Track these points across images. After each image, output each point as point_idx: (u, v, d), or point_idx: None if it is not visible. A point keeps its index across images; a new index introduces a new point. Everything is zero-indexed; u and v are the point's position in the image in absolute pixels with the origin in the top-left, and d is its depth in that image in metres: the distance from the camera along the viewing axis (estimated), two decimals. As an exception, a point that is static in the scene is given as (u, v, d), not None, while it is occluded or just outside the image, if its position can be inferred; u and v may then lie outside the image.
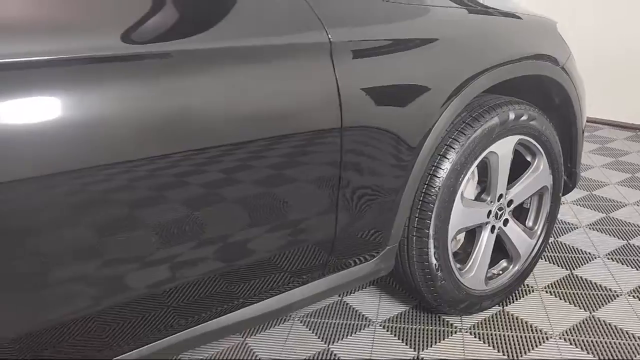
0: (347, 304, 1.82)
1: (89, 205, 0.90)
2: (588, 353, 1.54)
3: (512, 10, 1.70)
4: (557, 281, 1.91)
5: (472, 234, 1.70)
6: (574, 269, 1.99)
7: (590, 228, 2.31)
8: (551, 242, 2.18)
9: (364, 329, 1.68)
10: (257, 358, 1.55)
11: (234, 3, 1.09)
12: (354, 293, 1.88)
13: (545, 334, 1.63)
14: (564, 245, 2.17)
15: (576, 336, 1.61)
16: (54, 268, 0.91)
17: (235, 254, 1.14)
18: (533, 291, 1.86)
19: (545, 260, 2.05)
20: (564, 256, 2.08)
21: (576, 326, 1.66)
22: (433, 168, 1.46)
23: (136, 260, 1.00)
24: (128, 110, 0.92)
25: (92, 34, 0.92)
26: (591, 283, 1.89)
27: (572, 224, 2.35)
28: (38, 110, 0.83)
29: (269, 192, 1.12)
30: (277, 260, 1.22)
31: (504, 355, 1.55)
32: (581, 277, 1.93)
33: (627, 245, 2.14)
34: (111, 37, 0.92)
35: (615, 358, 1.51)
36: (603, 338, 1.60)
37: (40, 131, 0.83)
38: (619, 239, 2.20)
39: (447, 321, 1.71)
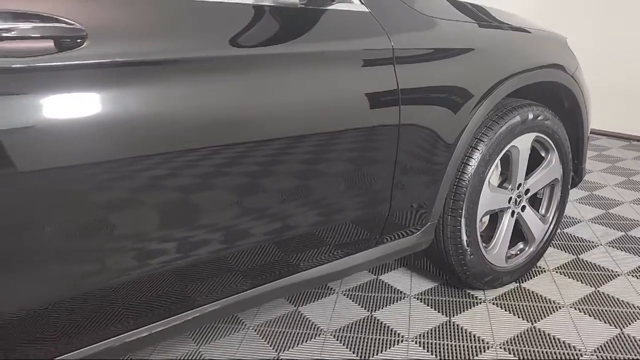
0: (382, 281, 2.07)
1: (199, 181, 1.15)
2: (595, 319, 1.80)
3: (528, 26, 1.98)
4: (565, 263, 2.18)
5: (494, 220, 1.97)
6: (579, 254, 2.25)
7: (592, 222, 2.58)
8: (559, 233, 2.45)
9: (400, 301, 1.94)
10: (313, 323, 1.80)
11: (322, 14, 1.35)
12: (387, 272, 2.14)
13: (558, 304, 1.89)
14: (570, 235, 2.44)
15: (584, 306, 1.88)
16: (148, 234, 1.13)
17: (316, 222, 1.40)
18: (545, 271, 2.12)
19: (554, 248, 2.31)
20: (571, 244, 2.35)
21: (583, 299, 1.92)
22: (466, 158, 1.73)
23: (242, 223, 1.25)
24: (228, 102, 1.16)
25: (190, 39, 1.16)
26: (595, 265, 2.16)
27: (576, 219, 2.62)
28: (149, 100, 1.05)
29: (342, 173, 1.39)
30: (346, 230, 1.49)
31: (524, 320, 1.81)
32: (586, 261, 2.20)
33: (625, 236, 2.42)
34: (209, 41, 1.16)
35: (619, 323, 1.77)
36: (608, 307, 1.86)
37: (146, 117, 1.05)
38: (617, 230, 2.48)
39: (472, 294, 1.97)
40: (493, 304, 1.91)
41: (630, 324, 1.76)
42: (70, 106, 0.97)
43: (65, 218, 1.00)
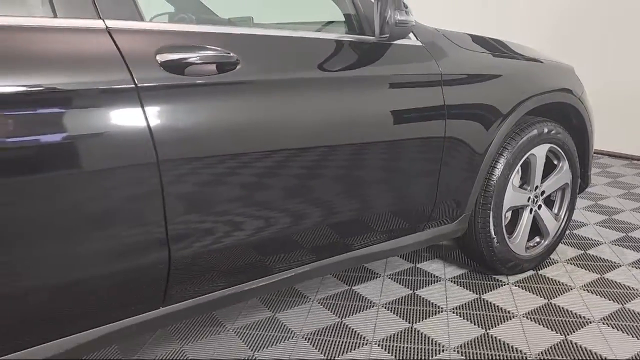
0: (420, 268, 2.46)
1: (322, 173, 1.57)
2: (600, 297, 2.18)
3: (542, 57, 2.41)
4: (574, 256, 2.56)
5: (515, 216, 2.36)
6: (586, 250, 2.64)
7: (597, 225, 2.97)
8: (568, 233, 2.83)
9: (437, 283, 2.32)
10: (362, 294, 2.19)
11: (389, 47, 1.78)
12: (424, 262, 2.53)
13: (570, 286, 2.28)
14: (578, 235, 2.83)
15: (592, 288, 2.25)
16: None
17: (382, 208, 1.81)
18: (557, 262, 2.51)
19: (565, 245, 2.70)
20: (579, 242, 2.74)
21: (591, 282, 2.30)
22: (494, 162, 2.13)
23: (340, 205, 1.66)
24: (326, 112, 1.59)
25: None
26: (600, 258, 2.54)
27: (583, 222, 3.01)
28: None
29: (402, 170, 1.80)
30: (403, 216, 1.89)
31: (541, 298, 2.19)
32: (593, 255, 2.58)
33: (625, 236, 2.80)
34: (317, 67, 1.60)
35: (621, 300, 2.15)
36: (612, 289, 2.24)
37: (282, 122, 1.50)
38: (619, 232, 2.86)
39: (497, 278, 2.35)
40: (515, 285, 2.29)
41: (630, 301, 2.14)
42: (229, 110, 1.39)
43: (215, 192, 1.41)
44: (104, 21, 1.26)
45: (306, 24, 2.04)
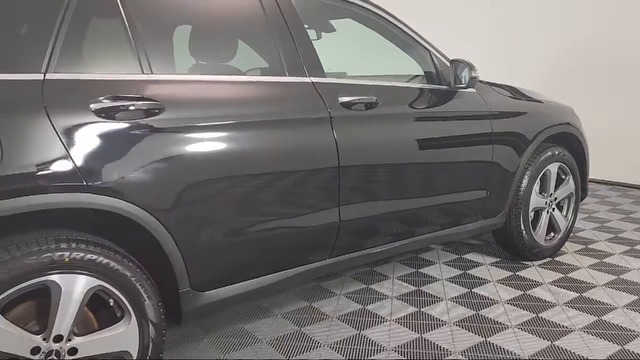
0: (466, 258, 3.27)
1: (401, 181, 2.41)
2: (601, 272, 3.00)
3: (548, 99, 3.30)
4: (579, 249, 3.40)
5: (536, 216, 3.20)
6: (588, 245, 3.48)
7: (596, 230, 3.82)
8: (573, 236, 3.67)
9: (481, 266, 3.13)
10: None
11: (455, 92, 2.65)
12: (469, 254, 3.34)
13: (577, 267, 3.10)
14: (580, 237, 3.67)
15: (595, 267, 3.08)
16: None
17: (453, 204, 2.64)
18: (566, 253, 3.34)
19: (571, 242, 3.54)
20: (582, 240, 3.58)
21: (593, 264, 3.13)
22: (522, 175, 2.98)
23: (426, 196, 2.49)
24: (415, 135, 2.43)
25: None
26: (599, 250, 3.38)
27: (583, 228, 3.87)
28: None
29: (466, 181, 2.64)
30: (466, 209, 2.72)
31: (559, 274, 3.00)
32: (593, 248, 3.42)
33: (615, 237, 3.66)
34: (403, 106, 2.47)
35: (617, 272, 2.98)
36: (610, 268, 3.07)
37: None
38: (610, 234, 3.72)
39: (524, 263, 3.17)
40: (538, 267, 3.11)
41: (623, 273, 2.97)
42: (375, 133, 2.24)
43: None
44: (310, 78, 2.11)
45: (395, 76, 2.90)
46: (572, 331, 2.33)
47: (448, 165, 2.55)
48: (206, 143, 1.80)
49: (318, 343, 2.27)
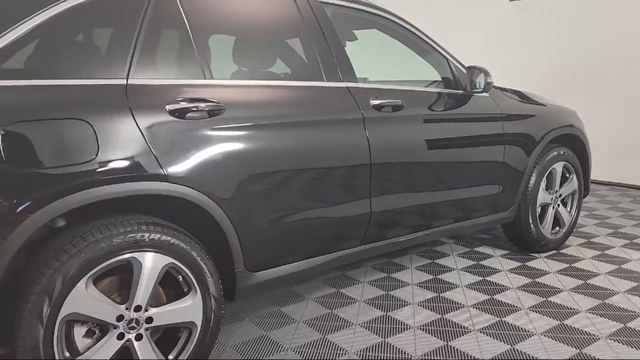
0: (477, 250, 3.52)
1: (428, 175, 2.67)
2: (605, 263, 3.25)
3: (553, 103, 3.56)
4: (581, 243, 3.65)
5: (543, 211, 3.45)
6: (590, 239, 3.73)
7: (597, 226, 4.08)
8: (578, 230, 3.92)
9: (492, 257, 3.38)
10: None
11: (471, 97, 2.90)
12: (480, 246, 3.59)
13: (580, 258, 3.34)
14: (582, 232, 3.92)
15: (598, 258, 3.33)
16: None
17: (470, 199, 2.89)
18: (570, 246, 3.59)
19: (573, 236, 3.79)
20: (585, 234, 3.83)
21: (595, 256, 3.37)
22: (530, 173, 3.23)
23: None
24: (435, 135, 2.69)
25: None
26: (600, 243, 3.63)
27: (585, 224, 4.12)
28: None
29: (480, 178, 2.89)
30: (481, 204, 2.97)
31: (564, 264, 3.25)
32: (594, 241, 3.67)
33: (615, 232, 3.91)
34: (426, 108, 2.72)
35: (617, 262, 3.23)
36: (610, 258, 3.32)
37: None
38: (610, 229, 3.97)
39: (531, 255, 3.42)
40: (545, 258, 3.36)
41: (625, 263, 3.22)
42: (401, 132, 2.49)
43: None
44: (345, 83, 2.36)
45: (414, 82, 3.15)
46: (579, 312, 2.58)
47: (465, 163, 2.80)
48: (259, 140, 2.04)
49: (350, 323, 2.51)
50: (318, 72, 2.33)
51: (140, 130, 1.76)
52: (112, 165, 1.69)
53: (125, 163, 1.72)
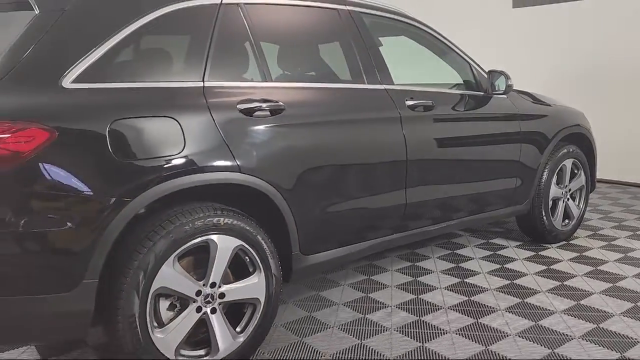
0: (492, 242, 3.77)
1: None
2: (612, 252, 3.51)
3: (562, 104, 3.82)
4: (588, 235, 3.91)
5: (553, 206, 3.70)
6: (596, 232, 3.99)
7: (602, 219, 4.34)
8: (584, 224, 4.17)
9: (508, 248, 3.63)
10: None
11: (490, 98, 3.15)
12: (495, 238, 3.84)
13: (589, 248, 3.60)
14: (589, 225, 4.18)
15: (604, 249, 3.59)
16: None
17: (491, 193, 3.14)
18: (579, 237, 3.85)
19: (581, 229, 4.05)
20: (591, 227, 4.09)
21: (602, 246, 3.64)
22: (543, 169, 3.49)
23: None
24: (457, 133, 2.95)
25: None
26: (607, 235, 3.89)
27: (590, 218, 4.38)
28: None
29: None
30: (499, 197, 3.22)
31: (575, 253, 3.50)
32: (601, 234, 3.93)
33: (619, 225, 4.18)
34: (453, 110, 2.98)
35: (620, 252, 3.48)
36: (617, 247, 3.59)
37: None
38: (614, 222, 4.24)
39: (543, 245, 3.67)
40: (557, 248, 3.62)
41: (631, 252, 3.48)
42: (430, 131, 2.74)
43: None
44: (383, 85, 2.60)
45: (437, 84, 3.40)
46: (592, 294, 2.83)
47: (488, 159, 3.06)
48: (314, 136, 2.29)
49: (385, 304, 2.74)
50: (359, 75, 2.57)
51: (217, 127, 1.99)
52: (196, 157, 1.93)
53: (207, 155, 1.95)
